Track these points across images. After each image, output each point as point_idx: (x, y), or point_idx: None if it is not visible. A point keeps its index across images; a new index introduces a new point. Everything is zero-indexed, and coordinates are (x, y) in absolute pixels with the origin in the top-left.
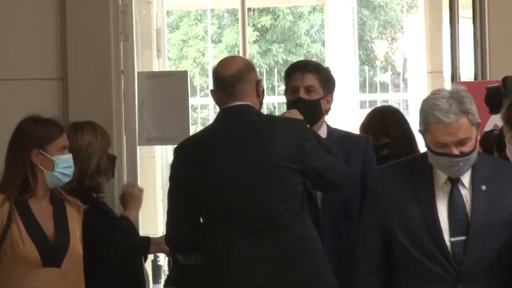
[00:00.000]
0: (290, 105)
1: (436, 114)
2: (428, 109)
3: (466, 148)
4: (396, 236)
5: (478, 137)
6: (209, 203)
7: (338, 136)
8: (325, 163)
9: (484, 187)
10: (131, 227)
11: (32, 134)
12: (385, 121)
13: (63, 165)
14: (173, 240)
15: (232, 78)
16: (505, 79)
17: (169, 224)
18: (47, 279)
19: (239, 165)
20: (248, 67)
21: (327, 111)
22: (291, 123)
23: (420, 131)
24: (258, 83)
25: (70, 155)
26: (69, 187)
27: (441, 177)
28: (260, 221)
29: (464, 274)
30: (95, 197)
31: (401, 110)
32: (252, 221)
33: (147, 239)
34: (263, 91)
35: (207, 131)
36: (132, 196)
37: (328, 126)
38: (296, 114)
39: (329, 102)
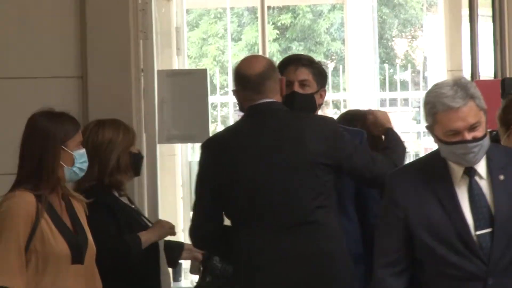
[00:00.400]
0: (285, 99)
1: (443, 101)
2: (434, 99)
3: (478, 133)
4: (420, 238)
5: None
6: (239, 200)
7: None
8: (362, 162)
9: (502, 177)
10: (135, 248)
11: (56, 130)
12: (354, 122)
13: (81, 160)
14: (197, 238)
15: (258, 77)
16: (504, 80)
17: (195, 221)
18: (75, 276)
19: (269, 161)
20: (272, 66)
21: (320, 105)
22: (321, 120)
23: (428, 126)
24: (282, 81)
25: (84, 150)
26: (89, 184)
27: (457, 171)
28: (291, 218)
29: (494, 267)
30: (115, 195)
31: (421, 108)
32: (283, 218)
33: (180, 245)
34: None
35: (235, 128)
36: (161, 225)
37: None
38: (383, 115)
39: (322, 96)
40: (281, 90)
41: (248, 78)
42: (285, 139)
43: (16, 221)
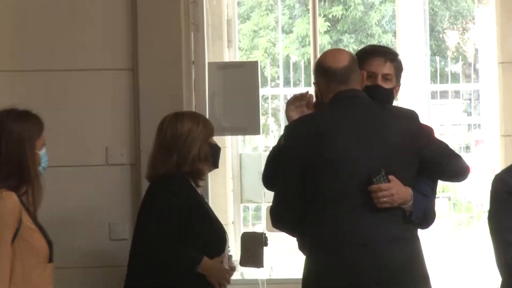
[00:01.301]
0: (366, 91)
1: None
2: None
3: None
4: None
5: None
6: (334, 180)
7: None
8: (440, 152)
9: None
10: (187, 264)
11: (30, 132)
12: None
13: (44, 159)
14: (280, 218)
15: (345, 70)
16: None
17: (280, 202)
18: (50, 276)
19: (366, 144)
20: (355, 59)
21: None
22: (404, 111)
23: None
24: (363, 74)
25: (44, 149)
26: (166, 172)
27: None
28: None
29: None
30: (192, 185)
31: (472, 101)
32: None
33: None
34: None
35: (324, 111)
36: (226, 272)
37: None
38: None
39: (397, 91)
40: (361, 83)
41: (334, 71)
42: (374, 123)
43: (6, 224)
